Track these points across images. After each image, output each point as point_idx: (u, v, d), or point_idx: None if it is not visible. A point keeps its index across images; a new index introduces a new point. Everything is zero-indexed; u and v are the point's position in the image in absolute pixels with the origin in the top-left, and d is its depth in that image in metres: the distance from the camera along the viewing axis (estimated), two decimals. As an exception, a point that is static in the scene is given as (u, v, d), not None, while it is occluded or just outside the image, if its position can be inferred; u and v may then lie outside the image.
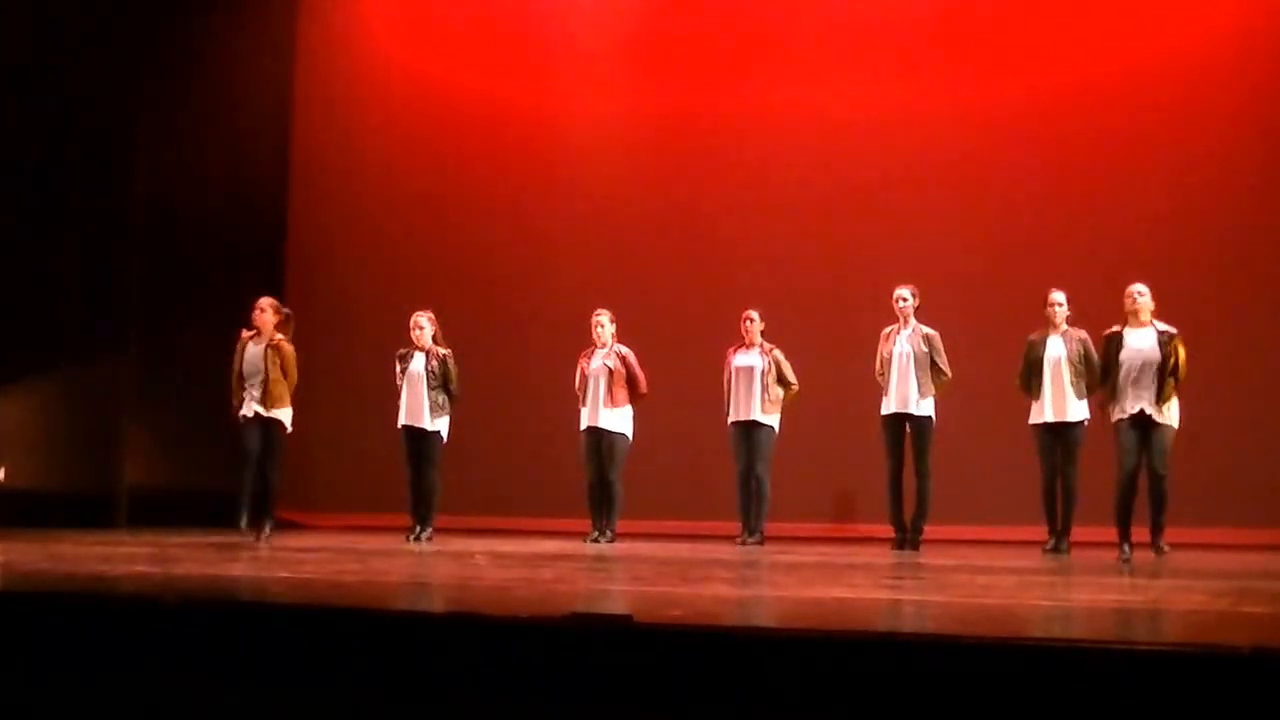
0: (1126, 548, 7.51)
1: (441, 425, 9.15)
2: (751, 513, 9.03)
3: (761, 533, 9.00)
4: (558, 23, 11.93)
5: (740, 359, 9.14)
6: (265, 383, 8.76)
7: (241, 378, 8.85)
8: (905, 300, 8.64)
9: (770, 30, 11.30)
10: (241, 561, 6.63)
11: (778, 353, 9.13)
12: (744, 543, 8.93)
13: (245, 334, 8.97)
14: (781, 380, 9.09)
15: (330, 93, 12.39)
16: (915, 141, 10.67)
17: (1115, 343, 7.65)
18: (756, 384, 9.02)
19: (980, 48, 10.74)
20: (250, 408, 8.79)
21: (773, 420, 9.06)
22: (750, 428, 9.04)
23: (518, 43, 11.98)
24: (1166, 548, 7.60)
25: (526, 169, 11.77)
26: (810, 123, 10.96)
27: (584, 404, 9.22)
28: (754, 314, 9.18)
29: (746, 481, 9.06)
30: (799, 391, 9.14)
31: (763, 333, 9.17)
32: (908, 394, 8.52)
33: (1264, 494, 9.35)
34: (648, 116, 11.48)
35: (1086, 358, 8.15)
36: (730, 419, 9.13)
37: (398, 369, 9.24)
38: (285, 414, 8.86)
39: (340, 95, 12.37)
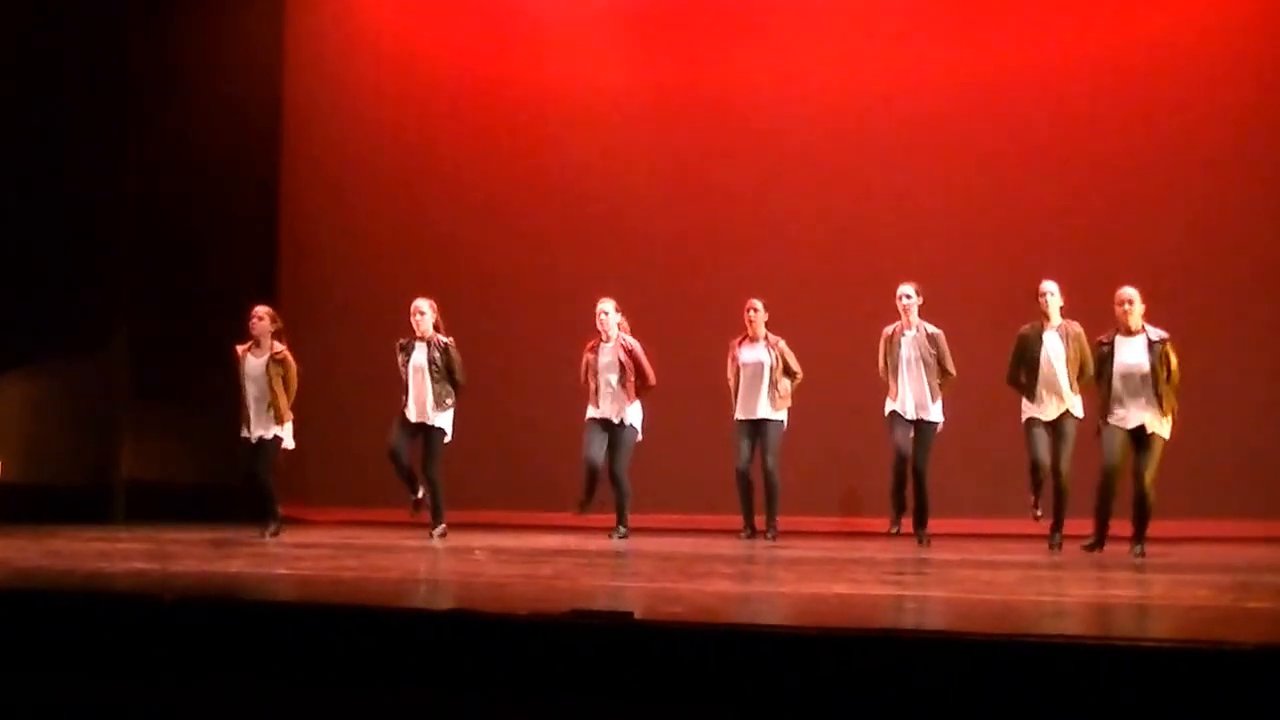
0: (1102, 540, 7.45)
1: (445, 420, 9.02)
2: (769, 509, 8.95)
3: (775, 528, 8.94)
4: (553, 1, 11.86)
5: (747, 354, 9.01)
6: (270, 397, 8.63)
7: (244, 395, 8.71)
8: (909, 298, 8.52)
9: (775, 10, 11.24)
10: (239, 558, 6.61)
11: (783, 344, 9.03)
12: (766, 536, 8.84)
13: (241, 349, 8.87)
14: (787, 371, 9.01)
15: (322, 78, 12.29)
16: (923, 127, 10.59)
17: (1106, 354, 7.54)
18: (765, 380, 8.94)
19: (990, 31, 10.68)
20: (252, 432, 8.70)
21: (782, 415, 8.99)
22: (760, 424, 8.97)
23: (514, 23, 11.87)
24: (1144, 554, 7.31)
25: (524, 153, 11.67)
26: (815, 107, 10.89)
27: (592, 399, 9.08)
28: (757, 304, 9.00)
29: (746, 476, 9.01)
30: (802, 379, 9.07)
31: (766, 323, 9.06)
32: (920, 400, 8.46)
33: (1268, 486, 9.31)
34: (648, 100, 11.37)
35: (1082, 352, 8.08)
36: (738, 416, 9.02)
37: (399, 359, 9.09)
38: (286, 430, 8.76)
39: (332, 80, 12.26)
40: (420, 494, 8.85)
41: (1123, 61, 10.27)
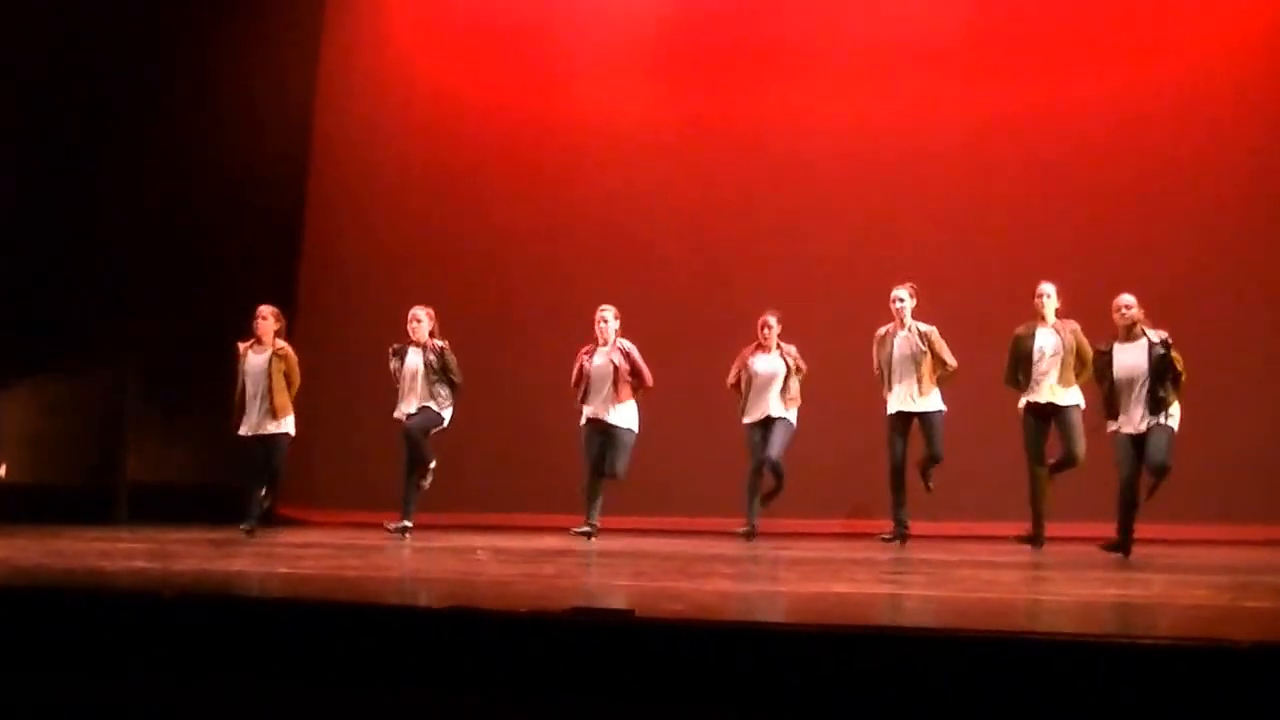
0: (1128, 545, 7.42)
1: (445, 414, 9.03)
2: (758, 498, 9.00)
3: (755, 519, 8.98)
4: (575, 30, 11.98)
5: (760, 363, 9.12)
6: (269, 393, 8.67)
7: (243, 392, 8.74)
8: (902, 301, 8.64)
9: (797, 47, 11.31)
10: (241, 557, 6.61)
11: (793, 350, 9.13)
12: (747, 532, 8.89)
13: (243, 345, 8.88)
14: (797, 370, 9.10)
15: (351, 95, 12.46)
16: (929, 145, 10.70)
17: (1105, 361, 7.58)
18: (776, 386, 9.05)
19: (1007, 68, 10.78)
20: (253, 427, 8.71)
21: (792, 414, 9.08)
22: (768, 421, 9.03)
23: (536, 49, 12.06)
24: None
25: (541, 173, 11.81)
26: (836, 139, 11.01)
27: (586, 400, 9.11)
28: (771, 320, 9.14)
29: (761, 469, 9.04)
30: (806, 373, 9.14)
31: (779, 335, 9.15)
32: (913, 394, 8.52)
33: (1266, 489, 9.32)
34: (669, 130, 11.50)
35: (1079, 349, 8.09)
36: (747, 420, 9.10)
37: (392, 364, 9.12)
38: (288, 424, 8.78)
39: (361, 98, 12.43)
40: (410, 526, 8.87)
41: (1137, 94, 10.35)
